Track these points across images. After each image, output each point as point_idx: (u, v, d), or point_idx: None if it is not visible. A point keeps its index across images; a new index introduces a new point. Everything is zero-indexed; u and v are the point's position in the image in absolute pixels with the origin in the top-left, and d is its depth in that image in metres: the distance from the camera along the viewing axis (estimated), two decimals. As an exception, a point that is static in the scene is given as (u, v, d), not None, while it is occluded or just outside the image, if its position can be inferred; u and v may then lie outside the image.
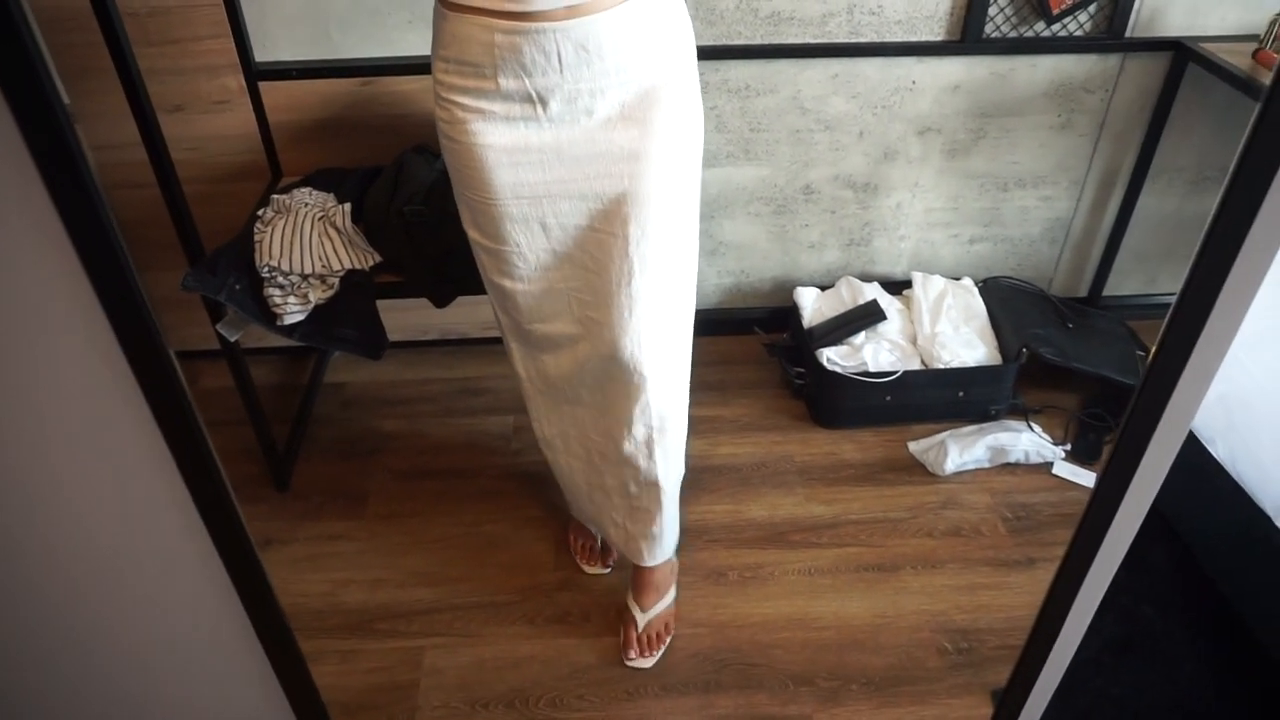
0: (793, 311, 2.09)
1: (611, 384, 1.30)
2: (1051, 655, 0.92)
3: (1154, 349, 0.69)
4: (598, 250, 1.19)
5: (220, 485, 0.83)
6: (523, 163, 1.12)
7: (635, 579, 1.55)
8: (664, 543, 1.50)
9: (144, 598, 0.95)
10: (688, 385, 1.40)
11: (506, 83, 1.07)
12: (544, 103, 1.08)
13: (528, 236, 1.19)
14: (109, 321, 0.73)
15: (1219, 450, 1.49)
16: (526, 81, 1.07)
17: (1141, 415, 0.72)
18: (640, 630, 1.51)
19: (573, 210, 1.17)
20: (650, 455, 1.37)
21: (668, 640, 1.53)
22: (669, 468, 1.41)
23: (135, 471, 0.83)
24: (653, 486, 1.41)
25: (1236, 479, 1.44)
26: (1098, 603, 0.88)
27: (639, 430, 1.34)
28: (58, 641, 0.97)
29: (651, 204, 1.17)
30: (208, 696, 1.07)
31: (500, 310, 1.32)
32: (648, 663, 1.50)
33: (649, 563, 1.51)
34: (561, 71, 1.06)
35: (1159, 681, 1.52)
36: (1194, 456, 1.53)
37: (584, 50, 1.05)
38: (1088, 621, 0.91)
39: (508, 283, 1.24)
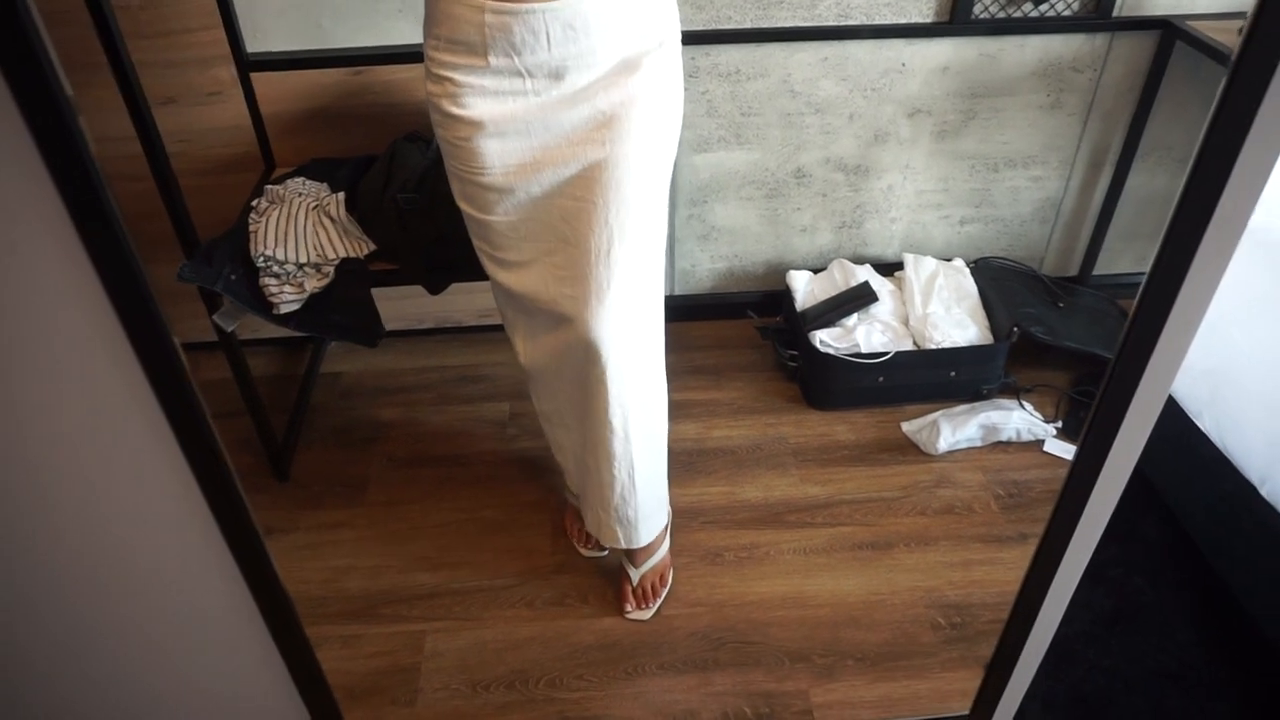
0: (785, 294, 2.10)
1: (590, 366, 1.30)
2: (1036, 625, 0.94)
3: (1129, 318, 0.71)
4: (576, 220, 1.22)
5: (227, 475, 0.85)
6: (508, 131, 1.16)
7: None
8: (639, 529, 1.49)
9: (152, 585, 0.96)
10: (663, 366, 1.40)
11: (496, 60, 1.12)
12: (531, 76, 1.13)
13: (515, 207, 1.22)
14: (116, 313, 0.74)
15: (1205, 423, 1.51)
16: (515, 59, 1.12)
17: (1118, 384, 0.73)
18: (635, 584, 1.55)
19: (555, 177, 1.20)
20: (627, 438, 1.37)
21: (663, 592, 1.57)
22: (646, 453, 1.41)
23: (143, 462, 0.84)
24: (629, 469, 1.41)
25: (1222, 450, 1.46)
26: (1081, 571, 0.90)
27: (615, 413, 1.34)
28: (68, 629, 0.98)
29: (628, 169, 1.20)
30: (216, 681, 1.09)
31: (497, 287, 1.34)
32: (646, 614, 1.54)
33: (622, 545, 1.50)
34: (550, 49, 1.11)
35: (1150, 651, 1.54)
36: (1181, 430, 1.55)
37: (571, 29, 1.10)
38: (1071, 590, 0.93)
39: (501, 254, 1.27)
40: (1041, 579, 0.89)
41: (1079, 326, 1.98)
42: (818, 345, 1.93)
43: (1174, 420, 1.58)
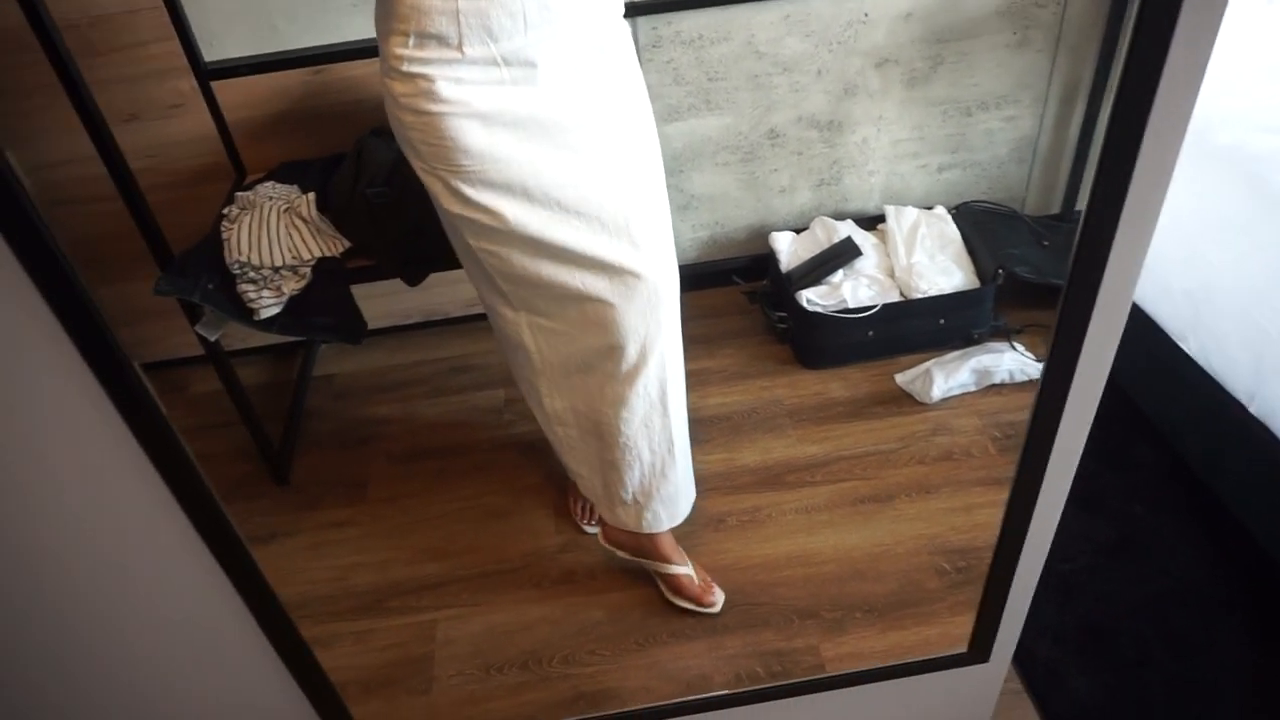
0: (770, 257, 2.10)
1: (626, 336, 1.29)
2: (1024, 553, 0.94)
3: (1080, 225, 0.71)
4: (583, 205, 1.20)
5: (203, 489, 0.84)
6: (495, 125, 1.14)
7: (659, 545, 1.52)
8: (681, 502, 1.49)
9: (144, 603, 0.96)
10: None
11: (473, 50, 1.09)
12: (508, 65, 1.11)
13: (511, 200, 1.19)
14: (71, 342, 0.72)
15: (1190, 345, 1.51)
16: (493, 47, 1.09)
17: (1077, 293, 0.74)
18: (699, 580, 1.52)
19: (551, 169, 1.18)
20: (665, 411, 1.38)
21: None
22: (680, 421, 1.42)
23: (122, 486, 0.84)
24: (668, 443, 1.41)
25: (1208, 370, 1.46)
26: (1064, 495, 0.91)
27: (652, 386, 1.34)
28: (70, 654, 0.99)
29: (633, 143, 1.23)
30: (221, 692, 1.09)
31: (502, 280, 1.30)
32: (722, 594, 1.52)
33: (668, 526, 1.49)
34: (526, 32, 1.09)
35: (1154, 575, 1.55)
36: (1166, 354, 1.55)
37: (546, 9, 1.09)
38: (1056, 516, 0.93)
39: (503, 249, 1.23)
40: (1024, 506, 0.89)
41: (1064, 263, 1.97)
42: (805, 305, 1.93)
43: (1159, 345, 1.58)
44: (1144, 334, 1.69)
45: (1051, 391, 0.79)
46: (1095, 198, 0.68)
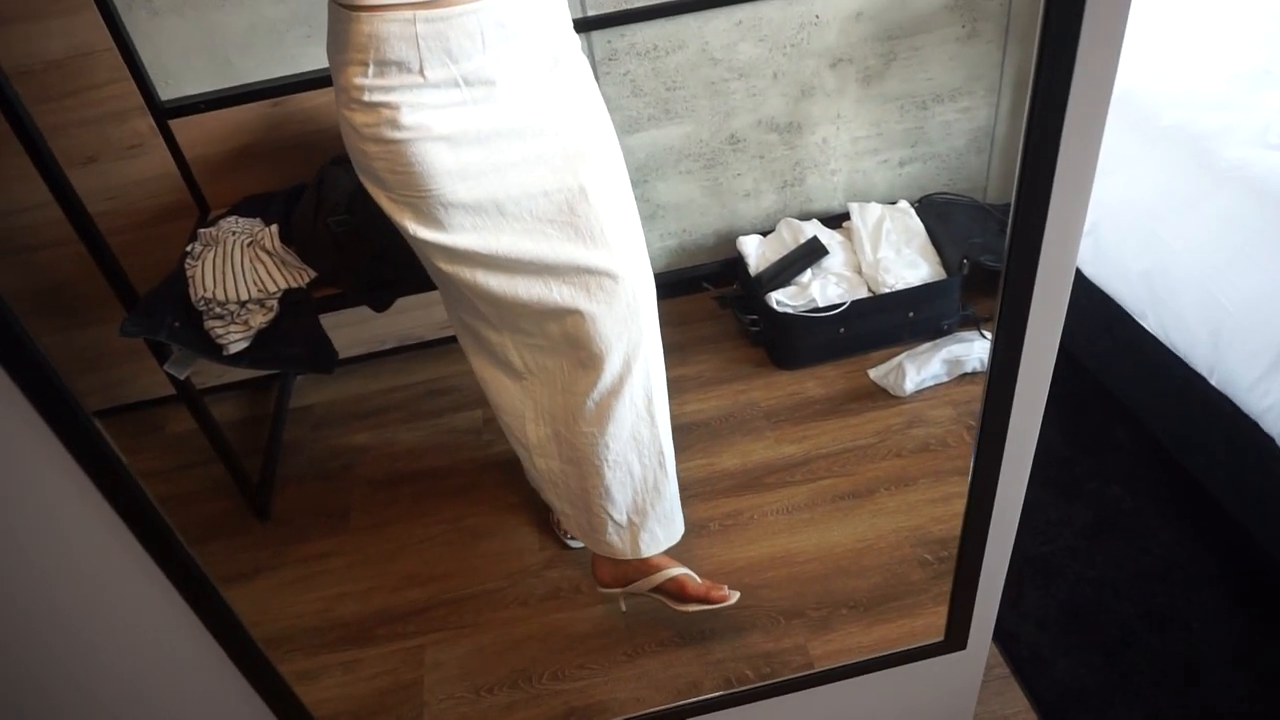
0: (738, 261, 2.11)
1: (609, 346, 1.28)
2: (991, 534, 0.95)
3: (1016, 186, 0.73)
4: (555, 213, 1.21)
5: (168, 531, 0.83)
6: (462, 145, 1.14)
7: (649, 560, 1.46)
8: (676, 521, 1.46)
9: (118, 654, 0.95)
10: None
11: (434, 73, 1.09)
12: (469, 85, 1.11)
13: (484, 218, 1.18)
14: (21, 393, 0.71)
15: (1150, 323, 1.53)
16: (453, 68, 1.09)
17: (1018, 262, 0.75)
18: (697, 579, 1.45)
19: (521, 181, 1.18)
20: (653, 421, 1.37)
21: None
22: (666, 433, 1.42)
23: (82, 534, 0.83)
24: (658, 455, 1.40)
25: (1169, 347, 1.48)
26: (1026, 471, 0.91)
27: (638, 395, 1.34)
28: (39, 709, 0.98)
29: (597, 148, 1.23)
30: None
31: (482, 302, 1.29)
32: (735, 592, 1.45)
33: (665, 547, 1.46)
34: (485, 51, 1.10)
35: (1134, 555, 1.56)
36: (1129, 333, 1.57)
37: (503, 27, 1.09)
38: (1021, 491, 0.94)
39: (480, 271, 1.22)
40: (985, 489, 0.90)
41: (1028, 249, 1.99)
42: (775, 306, 1.94)
43: (1121, 325, 1.60)
44: (1106, 316, 1.71)
45: (1001, 371, 0.81)
46: (1026, 160, 0.70)
